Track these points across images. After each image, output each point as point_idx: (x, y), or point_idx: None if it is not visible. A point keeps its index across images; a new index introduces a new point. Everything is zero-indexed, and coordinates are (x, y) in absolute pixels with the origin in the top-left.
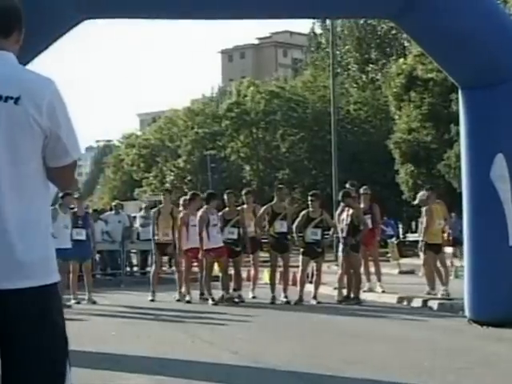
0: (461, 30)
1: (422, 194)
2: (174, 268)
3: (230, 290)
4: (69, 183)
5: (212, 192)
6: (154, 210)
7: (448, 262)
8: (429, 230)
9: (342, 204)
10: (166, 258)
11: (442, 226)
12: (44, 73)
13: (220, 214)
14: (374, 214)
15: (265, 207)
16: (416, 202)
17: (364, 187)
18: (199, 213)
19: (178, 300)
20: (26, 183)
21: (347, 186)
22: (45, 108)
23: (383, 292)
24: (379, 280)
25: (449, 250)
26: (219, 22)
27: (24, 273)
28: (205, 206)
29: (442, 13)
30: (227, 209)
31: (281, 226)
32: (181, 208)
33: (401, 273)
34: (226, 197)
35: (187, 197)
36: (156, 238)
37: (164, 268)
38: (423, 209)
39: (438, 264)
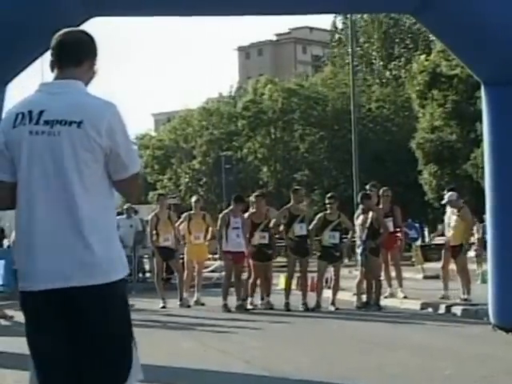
0: (482, 24)
1: (450, 194)
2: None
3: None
4: (131, 193)
5: (238, 195)
6: (150, 217)
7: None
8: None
9: (360, 206)
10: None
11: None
12: None
13: (246, 216)
14: (395, 216)
15: (281, 210)
16: (444, 201)
17: (384, 188)
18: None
19: (185, 306)
20: (93, 193)
21: (367, 187)
22: (104, 130)
23: (405, 298)
24: (400, 285)
25: (471, 253)
26: (235, 17)
27: (90, 272)
28: (229, 207)
29: (463, 6)
30: (254, 211)
31: (300, 229)
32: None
33: (425, 277)
34: (253, 199)
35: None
36: (156, 243)
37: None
38: (449, 209)
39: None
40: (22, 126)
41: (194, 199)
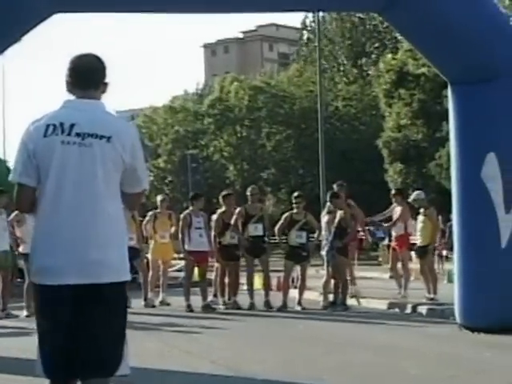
0: (449, 23)
1: (418, 193)
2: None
3: (210, 297)
4: (136, 206)
5: (197, 193)
6: None
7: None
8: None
9: (327, 205)
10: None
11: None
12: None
13: (216, 216)
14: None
15: (238, 210)
16: (410, 199)
17: (338, 183)
18: (182, 214)
19: (150, 306)
20: (115, 200)
21: (335, 186)
22: (128, 147)
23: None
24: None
25: None
26: (201, 15)
27: (108, 271)
28: (190, 208)
29: (429, 6)
30: (223, 210)
31: (255, 230)
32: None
33: (392, 277)
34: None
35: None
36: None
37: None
38: (421, 210)
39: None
40: (55, 136)
41: (159, 198)
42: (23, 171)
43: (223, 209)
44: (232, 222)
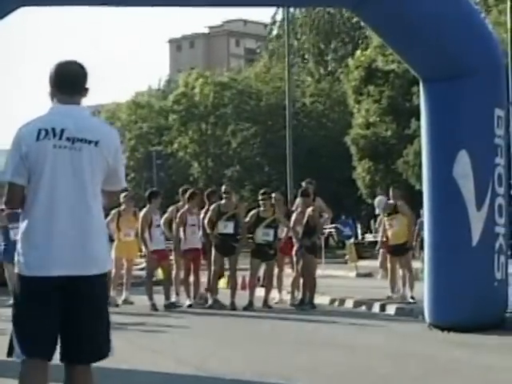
0: (421, 20)
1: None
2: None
3: (173, 296)
4: (114, 202)
5: (154, 190)
6: None
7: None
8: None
9: (296, 201)
10: None
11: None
12: None
13: (213, 206)
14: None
15: (213, 207)
16: (378, 212)
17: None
18: (142, 213)
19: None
20: (98, 198)
21: (303, 184)
22: (112, 151)
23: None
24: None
25: None
26: (166, 9)
27: (96, 263)
28: (147, 206)
29: (402, 2)
30: (223, 201)
31: (224, 227)
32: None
33: (358, 275)
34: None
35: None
36: None
37: None
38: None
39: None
40: (47, 140)
41: (123, 195)
42: (15, 171)
43: (223, 200)
44: (205, 219)
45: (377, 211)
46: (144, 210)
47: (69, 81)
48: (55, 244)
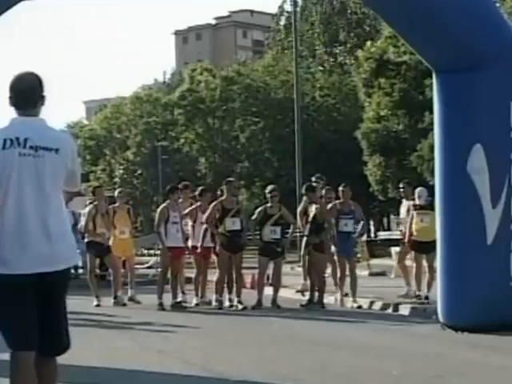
0: (434, 9)
1: (421, 190)
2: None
3: (180, 295)
4: (70, 200)
5: (174, 186)
6: (89, 209)
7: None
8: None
9: (303, 199)
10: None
11: None
12: None
13: (215, 203)
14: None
15: (214, 204)
16: (420, 201)
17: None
18: (159, 208)
19: (120, 304)
20: (59, 199)
21: (313, 179)
22: (70, 156)
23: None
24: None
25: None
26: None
27: (64, 259)
28: (167, 201)
29: None
30: (224, 198)
31: (233, 224)
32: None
33: (371, 274)
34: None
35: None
36: (91, 238)
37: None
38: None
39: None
40: (13, 149)
41: (117, 192)
42: None
43: (224, 196)
44: (206, 216)
45: (417, 201)
46: (162, 205)
47: (22, 95)
48: (26, 244)
